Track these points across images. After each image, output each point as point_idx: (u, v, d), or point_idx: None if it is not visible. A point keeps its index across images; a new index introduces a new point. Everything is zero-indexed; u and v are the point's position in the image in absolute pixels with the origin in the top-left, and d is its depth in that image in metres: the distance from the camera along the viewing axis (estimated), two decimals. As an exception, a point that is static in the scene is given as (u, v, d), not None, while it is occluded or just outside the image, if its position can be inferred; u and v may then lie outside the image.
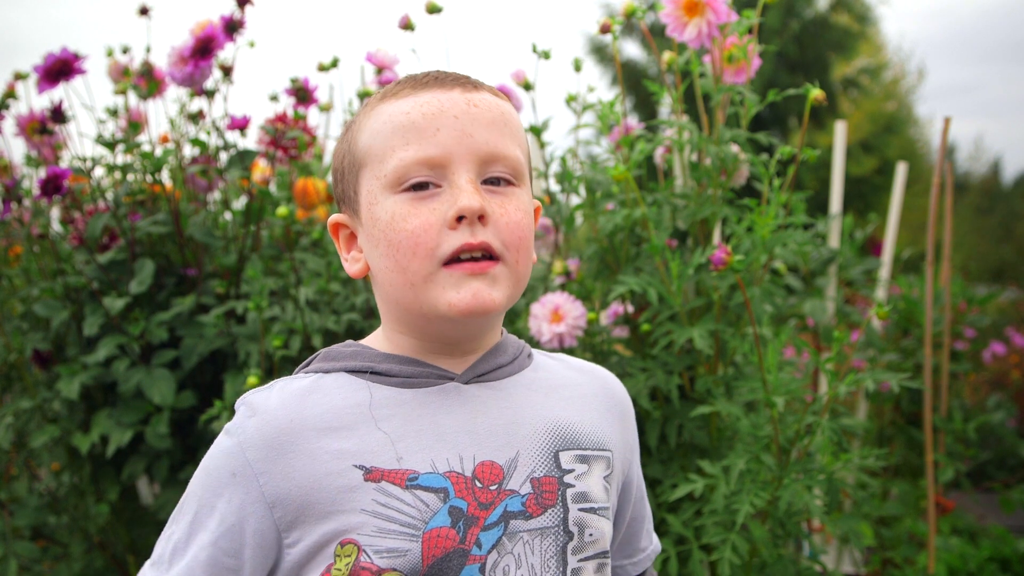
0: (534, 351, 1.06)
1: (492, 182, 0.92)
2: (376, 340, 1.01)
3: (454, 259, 0.90)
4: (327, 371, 0.97)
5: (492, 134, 0.92)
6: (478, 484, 0.90)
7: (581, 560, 0.92)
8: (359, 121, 0.97)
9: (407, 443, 0.90)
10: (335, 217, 1.00)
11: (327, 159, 2.97)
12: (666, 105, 2.01)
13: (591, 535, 0.93)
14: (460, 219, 0.89)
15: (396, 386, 0.94)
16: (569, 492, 0.93)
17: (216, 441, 0.94)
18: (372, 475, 0.88)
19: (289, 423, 0.91)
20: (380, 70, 2.51)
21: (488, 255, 0.91)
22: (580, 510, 0.93)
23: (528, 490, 0.91)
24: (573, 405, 1.00)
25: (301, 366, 1.01)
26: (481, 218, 0.90)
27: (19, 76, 2.44)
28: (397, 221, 0.90)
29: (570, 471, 0.94)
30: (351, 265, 0.99)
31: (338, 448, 0.90)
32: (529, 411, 0.96)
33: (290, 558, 0.90)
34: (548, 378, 1.02)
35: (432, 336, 0.96)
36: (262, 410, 0.92)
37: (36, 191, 2.32)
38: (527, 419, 0.95)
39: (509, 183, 0.94)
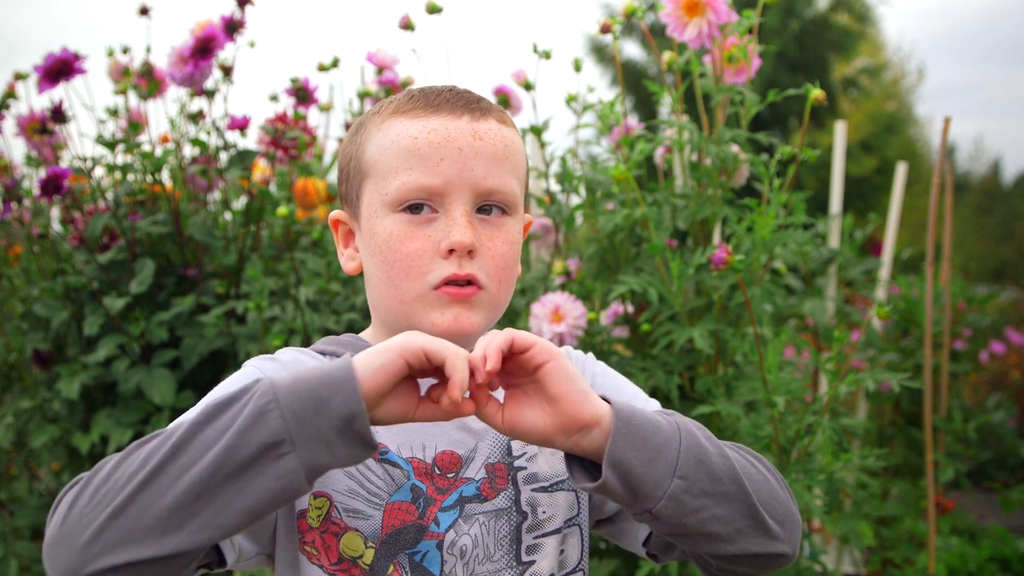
0: None
1: (485, 210, 0.98)
2: (371, 335, 1.07)
3: (442, 283, 0.96)
4: (324, 353, 1.03)
5: (492, 168, 0.97)
6: (436, 471, 0.96)
7: (538, 537, 0.98)
8: (370, 128, 1.00)
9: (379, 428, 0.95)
10: (336, 213, 1.05)
11: (327, 159, 2.97)
12: (666, 105, 2.01)
13: (544, 512, 0.99)
14: (452, 251, 0.95)
15: None
16: (520, 475, 0.99)
17: (233, 377, 0.97)
18: None
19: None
20: (380, 70, 2.51)
21: (471, 282, 0.97)
22: (532, 490, 0.98)
23: (483, 475, 0.97)
24: None
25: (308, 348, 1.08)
26: (470, 252, 0.96)
27: (19, 76, 2.44)
28: (394, 241, 0.96)
29: (520, 455, 0.99)
30: (347, 262, 1.05)
31: None
32: None
33: None
34: None
35: None
36: (281, 360, 0.99)
37: (36, 191, 2.32)
38: None
39: (503, 212, 0.99)
